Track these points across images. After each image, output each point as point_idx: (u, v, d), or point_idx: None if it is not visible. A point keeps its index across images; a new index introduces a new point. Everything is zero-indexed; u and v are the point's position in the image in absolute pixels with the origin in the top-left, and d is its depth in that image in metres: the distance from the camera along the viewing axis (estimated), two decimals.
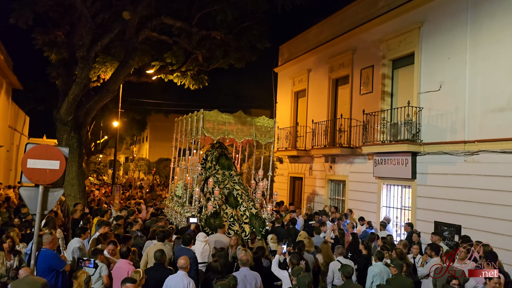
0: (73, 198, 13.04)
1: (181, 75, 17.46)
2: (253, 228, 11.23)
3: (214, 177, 11.92)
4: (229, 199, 11.68)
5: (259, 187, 12.49)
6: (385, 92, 13.46)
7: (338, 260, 7.81)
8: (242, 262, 6.65)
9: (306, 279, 5.51)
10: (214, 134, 11.76)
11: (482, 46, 10.33)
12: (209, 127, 11.63)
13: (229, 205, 11.52)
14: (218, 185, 11.75)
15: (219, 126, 11.80)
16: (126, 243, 7.72)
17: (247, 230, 11.07)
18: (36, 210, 6.46)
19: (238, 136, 12.12)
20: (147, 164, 41.04)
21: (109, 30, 13.01)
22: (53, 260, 6.60)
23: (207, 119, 11.59)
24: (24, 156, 6.40)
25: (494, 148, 9.73)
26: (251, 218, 11.51)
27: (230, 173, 12.41)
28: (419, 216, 11.74)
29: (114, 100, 25.50)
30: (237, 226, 11.06)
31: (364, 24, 14.51)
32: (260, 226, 11.39)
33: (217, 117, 11.84)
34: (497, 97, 9.83)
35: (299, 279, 5.55)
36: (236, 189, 12.06)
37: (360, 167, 14.33)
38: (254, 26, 15.35)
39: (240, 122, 12.13)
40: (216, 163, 12.45)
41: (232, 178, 12.33)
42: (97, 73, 16.46)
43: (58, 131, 12.95)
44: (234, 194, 11.90)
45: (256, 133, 12.28)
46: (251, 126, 12.25)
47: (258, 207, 12.04)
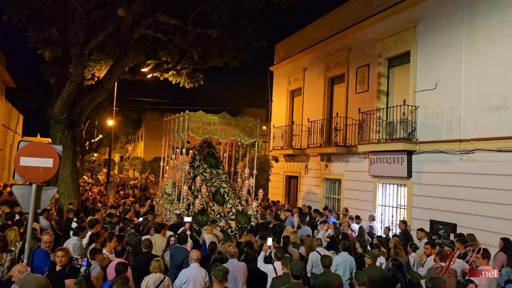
0: (67, 196, 12.92)
1: (176, 74, 17.34)
2: (239, 224, 11.75)
3: (202, 175, 12.44)
4: (216, 197, 12.18)
5: (245, 185, 13.04)
6: (381, 91, 13.46)
7: (317, 251, 8.35)
8: (231, 254, 7.22)
9: (298, 266, 5.74)
10: (199, 134, 12.19)
11: (478, 45, 10.34)
12: (194, 127, 12.08)
13: (216, 202, 12.02)
14: (206, 183, 12.19)
15: (204, 126, 12.26)
16: (120, 242, 7.67)
17: (233, 226, 11.66)
18: (29, 208, 6.39)
19: (222, 136, 12.60)
20: (142, 163, 40.87)
21: (103, 28, 12.89)
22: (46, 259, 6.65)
23: (192, 120, 12.04)
24: (17, 154, 6.32)
25: (489, 147, 9.75)
26: (237, 215, 12.06)
27: (217, 172, 12.90)
28: (414, 214, 11.75)
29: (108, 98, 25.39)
30: (223, 222, 11.52)
31: (360, 23, 14.50)
32: (245, 222, 11.94)
33: (202, 117, 12.27)
34: (492, 96, 9.84)
35: (292, 266, 5.77)
36: (223, 187, 12.56)
37: (355, 165, 14.33)
38: (250, 24, 15.24)
39: (224, 122, 12.60)
40: (204, 162, 12.94)
41: (219, 177, 12.82)
42: (92, 71, 16.31)
43: (52, 129, 12.82)
44: (221, 192, 12.41)
45: (239, 133, 12.79)
46: (235, 127, 12.76)
47: (244, 204, 12.58)
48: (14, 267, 5.61)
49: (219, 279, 5.54)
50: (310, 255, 8.37)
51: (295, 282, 5.70)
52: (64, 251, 6.25)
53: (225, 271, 5.67)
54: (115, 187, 20.97)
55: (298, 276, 5.69)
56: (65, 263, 6.12)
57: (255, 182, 13.32)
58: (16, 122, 28.00)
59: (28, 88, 29.79)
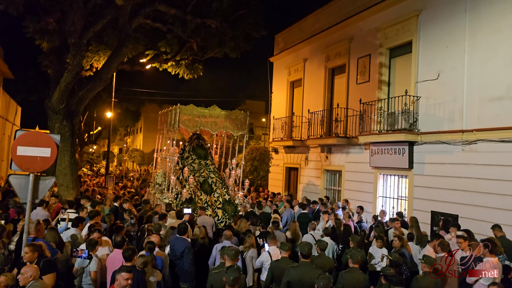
0: (65, 188, 12.85)
1: (175, 65, 17.19)
2: (226, 212, 12.25)
3: (191, 166, 12.96)
4: (204, 186, 12.65)
5: (231, 175, 13.64)
6: (382, 81, 13.33)
7: (310, 234, 9.06)
8: (226, 236, 7.87)
9: (306, 246, 6.19)
10: (190, 127, 12.80)
11: (481, 34, 10.20)
12: (185, 120, 12.65)
13: (204, 192, 12.47)
14: (194, 173, 12.71)
15: (195, 119, 12.79)
16: (119, 233, 7.60)
17: (219, 214, 12.17)
18: (26, 199, 6.29)
19: (212, 128, 13.12)
20: (141, 155, 40.81)
21: (101, 17, 12.73)
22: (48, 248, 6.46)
23: (183, 113, 12.60)
24: (14, 143, 6.21)
25: (492, 137, 9.66)
26: (224, 204, 12.52)
27: (206, 162, 13.39)
28: (415, 206, 11.69)
29: (107, 90, 25.27)
30: (210, 211, 11.93)
31: (361, 13, 14.32)
32: (232, 211, 12.32)
33: (193, 110, 12.79)
34: (495, 86, 9.73)
35: (301, 247, 6.28)
36: (211, 177, 13.04)
37: (356, 157, 14.24)
38: (249, 14, 15.07)
39: (214, 115, 13.09)
40: (193, 153, 13.43)
41: (207, 167, 13.31)
42: (90, 62, 16.15)
43: (50, 120, 12.70)
44: (209, 182, 12.88)
45: (229, 126, 13.31)
46: (225, 119, 13.25)
47: (232, 194, 13.11)
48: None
49: (231, 257, 5.98)
50: (304, 238, 9.10)
51: (303, 261, 6.12)
52: (31, 246, 5.70)
53: (237, 250, 6.24)
54: (114, 179, 20.90)
55: (307, 255, 6.11)
56: (32, 259, 5.61)
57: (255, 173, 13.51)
58: (15, 114, 27.82)
59: (26, 80, 29.58)
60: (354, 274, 6.01)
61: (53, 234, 7.21)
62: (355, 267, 6.08)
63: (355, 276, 5.98)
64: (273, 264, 6.54)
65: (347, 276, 5.95)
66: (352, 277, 5.95)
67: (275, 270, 6.37)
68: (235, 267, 5.63)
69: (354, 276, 5.98)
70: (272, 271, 6.42)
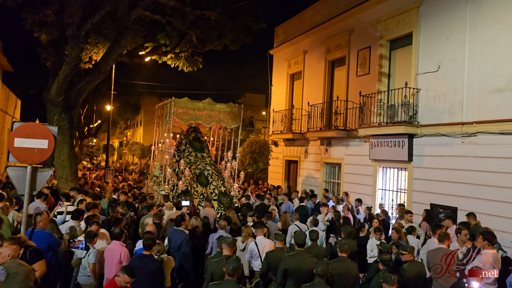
0: (64, 180, 12.83)
1: (175, 57, 17.11)
2: (221, 204, 12.43)
3: (187, 158, 13.11)
4: (200, 178, 12.84)
5: (227, 168, 13.81)
6: (382, 74, 13.27)
7: (295, 224, 9.28)
8: (221, 226, 8.27)
9: (302, 236, 6.38)
10: (185, 120, 12.99)
11: (482, 25, 10.12)
12: (180, 113, 12.83)
13: (200, 184, 12.71)
14: (190, 166, 12.90)
15: (189, 112, 12.95)
16: (118, 225, 7.58)
17: (215, 206, 12.27)
18: (24, 190, 6.28)
19: (206, 121, 13.33)
20: (141, 149, 40.76)
21: (100, 8, 12.64)
22: (51, 239, 6.58)
23: (178, 106, 12.75)
24: (11, 135, 6.18)
25: (492, 130, 9.61)
26: (219, 195, 12.72)
27: (202, 155, 13.56)
28: (415, 198, 11.68)
29: (107, 83, 25.17)
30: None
31: (361, 4, 14.21)
32: (227, 203, 12.51)
33: (187, 104, 12.95)
34: (496, 78, 9.66)
35: (296, 236, 6.41)
36: (207, 169, 13.25)
37: (356, 149, 14.21)
38: (249, 6, 14.97)
39: (208, 108, 13.26)
40: (190, 146, 13.57)
41: (203, 160, 13.48)
42: (89, 54, 16.09)
43: (48, 112, 12.65)
44: (205, 174, 13.09)
45: (223, 119, 13.48)
46: (219, 112, 13.39)
47: (227, 186, 13.31)
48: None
49: (229, 246, 6.17)
50: (289, 228, 9.40)
51: (299, 250, 6.27)
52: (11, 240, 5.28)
53: (233, 239, 6.52)
54: (113, 172, 20.90)
55: (302, 244, 6.30)
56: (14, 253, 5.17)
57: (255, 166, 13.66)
58: (14, 107, 27.75)
59: (25, 73, 29.48)
60: (344, 263, 6.11)
61: (51, 226, 7.20)
62: (343, 256, 6.19)
63: (345, 265, 6.09)
64: (269, 254, 6.62)
65: (336, 265, 6.03)
66: (341, 266, 6.04)
67: (271, 260, 6.46)
68: (234, 257, 5.65)
69: (344, 265, 6.08)
70: (268, 261, 6.50)
